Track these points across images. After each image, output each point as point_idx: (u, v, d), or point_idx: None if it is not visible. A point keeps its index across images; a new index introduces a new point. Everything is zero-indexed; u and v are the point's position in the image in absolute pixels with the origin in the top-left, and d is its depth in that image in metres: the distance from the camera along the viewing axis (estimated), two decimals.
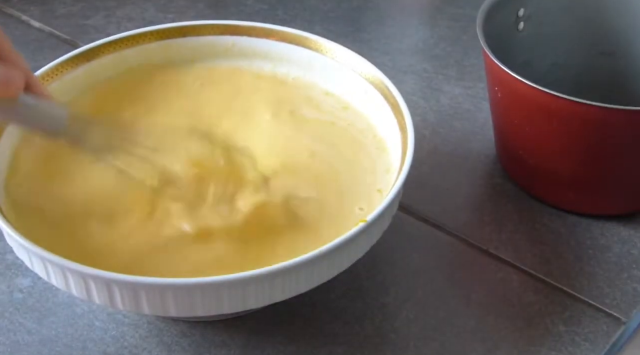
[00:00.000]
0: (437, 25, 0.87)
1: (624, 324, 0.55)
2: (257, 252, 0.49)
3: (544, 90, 0.55)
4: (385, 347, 0.53)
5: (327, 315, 0.54)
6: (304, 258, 0.45)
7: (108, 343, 0.53)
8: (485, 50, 0.59)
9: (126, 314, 0.54)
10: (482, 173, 0.67)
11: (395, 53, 0.81)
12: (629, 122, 0.55)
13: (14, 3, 0.88)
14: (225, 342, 0.53)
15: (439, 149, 0.69)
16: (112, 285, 0.44)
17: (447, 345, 0.53)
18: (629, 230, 0.62)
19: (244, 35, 0.63)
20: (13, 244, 0.48)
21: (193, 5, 0.88)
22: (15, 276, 0.57)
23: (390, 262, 0.58)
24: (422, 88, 0.76)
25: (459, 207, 0.64)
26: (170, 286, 0.44)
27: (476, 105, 0.74)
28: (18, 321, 0.54)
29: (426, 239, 0.61)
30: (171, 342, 0.53)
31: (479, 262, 0.59)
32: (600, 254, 0.60)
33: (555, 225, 0.62)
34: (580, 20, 0.68)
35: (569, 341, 0.53)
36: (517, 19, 0.67)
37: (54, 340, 0.53)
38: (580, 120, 0.56)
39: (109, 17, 0.86)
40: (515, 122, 0.61)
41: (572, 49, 0.70)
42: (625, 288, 0.57)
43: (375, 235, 0.50)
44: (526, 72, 0.58)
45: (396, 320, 0.54)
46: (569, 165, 0.60)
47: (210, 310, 0.45)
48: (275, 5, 0.89)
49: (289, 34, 0.63)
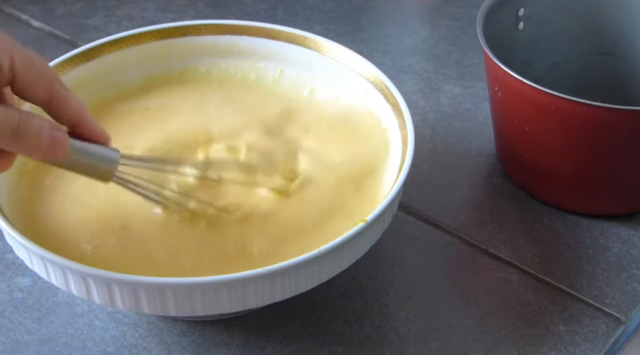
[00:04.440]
0: (437, 25, 0.87)
1: (623, 323, 0.55)
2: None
3: (544, 90, 0.55)
4: (385, 347, 0.53)
5: (327, 315, 0.54)
6: (304, 258, 0.45)
7: (108, 342, 0.53)
8: (485, 50, 0.59)
9: (126, 313, 0.54)
10: (482, 173, 0.67)
11: (395, 53, 0.81)
12: (629, 122, 0.55)
13: (14, 2, 0.88)
14: (225, 341, 0.53)
15: (438, 149, 0.69)
16: (112, 284, 0.44)
17: (447, 345, 0.53)
18: (629, 230, 0.62)
19: (244, 35, 0.63)
20: (13, 243, 0.48)
21: (193, 4, 0.88)
22: (15, 275, 0.57)
23: (390, 262, 0.58)
24: (422, 88, 0.76)
25: (459, 207, 0.64)
26: (170, 285, 0.44)
27: (476, 105, 0.74)
28: (18, 320, 0.54)
29: (426, 239, 0.61)
30: (171, 341, 0.53)
31: (479, 262, 0.59)
32: (600, 253, 0.60)
33: (555, 225, 0.62)
34: (580, 20, 0.68)
35: (568, 341, 0.53)
36: (517, 18, 0.67)
37: (54, 340, 0.53)
38: (580, 120, 0.56)
39: (109, 17, 0.86)
40: (515, 122, 0.61)
41: (572, 49, 0.70)
42: (625, 288, 0.57)
43: (375, 235, 0.50)
44: (526, 72, 0.58)
45: (396, 320, 0.54)
46: (569, 165, 0.60)
47: (210, 309, 0.45)
48: (275, 5, 0.89)
49: (289, 34, 0.63)
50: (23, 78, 0.42)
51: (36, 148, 0.42)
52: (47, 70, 0.44)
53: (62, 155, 0.44)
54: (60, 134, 0.43)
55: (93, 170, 0.46)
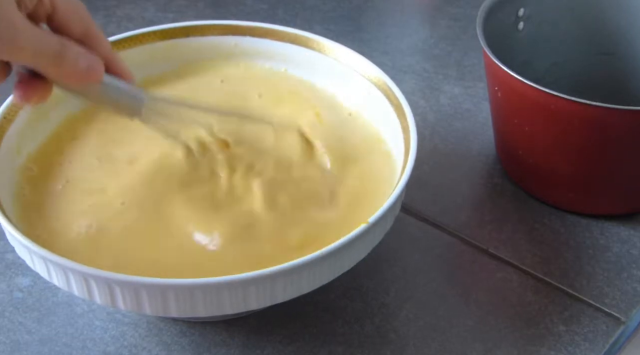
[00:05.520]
0: (437, 25, 0.87)
1: (623, 323, 0.55)
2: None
3: (544, 90, 0.55)
4: (385, 347, 0.53)
5: (327, 315, 0.54)
6: (306, 259, 0.45)
7: (108, 342, 0.53)
8: (485, 50, 0.59)
9: (126, 313, 0.54)
10: (482, 173, 0.67)
11: (395, 53, 0.81)
12: (629, 122, 0.55)
13: None
14: (225, 341, 0.53)
15: (439, 149, 0.69)
16: (113, 285, 0.44)
17: (447, 345, 0.53)
18: (629, 230, 0.62)
19: (247, 36, 0.63)
20: (15, 243, 0.48)
21: (193, 4, 0.88)
22: (15, 275, 0.57)
23: (391, 262, 0.58)
24: (422, 88, 0.76)
25: (459, 207, 0.64)
26: (172, 286, 0.44)
27: (476, 105, 0.74)
28: (18, 320, 0.54)
29: (426, 239, 0.61)
30: (171, 341, 0.53)
31: (479, 262, 0.59)
32: (600, 253, 0.60)
33: (555, 225, 0.62)
34: (580, 20, 0.68)
35: (568, 341, 0.53)
36: (517, 19, 0.67)
37: (54, 340, 0.53)
38: (580, 120, 0.56)
39: (109, 17, 0.86)
40: (515, 122, 0.61)
41: (572, 49, 0.70)
42: (625, 288, 0.57)
43: (377, 236, 0.50)
44: (526, 72, 0.58)
45: (396, 320, 0.54)
46: (569, 165, 0.60)
47: (212, 310, 0.45)
48: (275, 5, 0.89)
49: (292, 35, 0.63)
50: (62, 11, 0.43)
51: (74, 73, 0.43)
52: (83, 9, 0.45)
53: (98, 81, 0.45)
54: (98, 61, 0.44)
55: (122, 105, 0.48)
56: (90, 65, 0.44)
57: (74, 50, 0.43)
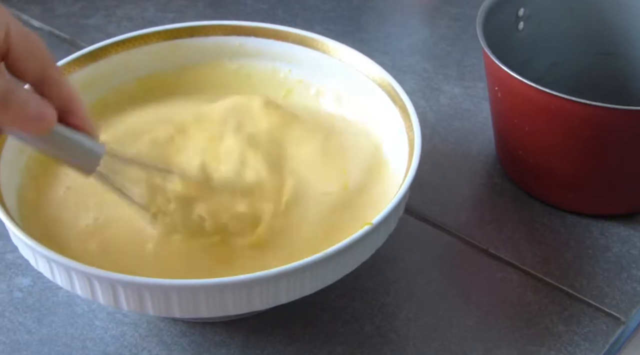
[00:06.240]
0: (437, 25, 0.87)
1: (623, 323, 0.55)
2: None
3: (544, 90, 0.55)
4: (385, 347, 0.53)
5: (327, 315, 0.54)
6: (310, 260, 0.45)
7: (108, 342, 0.53)
8: (485, 50, 0.59)
9: (126, 313, 0.54)
10: (482, 173, 0.67)
11: (395, 53, 0.81)
12: (629, 122, 0.55)
13: (14, 2, 0.88)
14: (225, 341, 0.53)
15: (438, 149, 0.69)
16: (116, 286, 0.44)
17: (447, 345, 0.53)
18: (629, 230, 0.62)
19: (250, 36, 0.63)
20: (18, 243, 0.48)
21: (193, 4, 0.88)
22: (15, 276, 0.57)
23: (391, 262, 0.58)
24: (422, 88, 0.76)
25: (459, 207, 0.64)
26: (175, 287, 0.44)
27: (476, 105, 0.74)
28: (18, 320, 0.54)
29: (426, 239, 0.61)
30: (171, 341, 0.53)
31: (479, 262, 0.59)
32: (600, 253, 0.60)
33: (555, 225, 0.62)
34: (580, 20, 0.68)
35: (568, 341, 0.53)
36: (517, 18, 0.67)
37: (54, 340, 0.53)
38: (580, 120, 0.56)
39: (109, 17, 0.86)
40: (515, 122, 0.61)
41: (572, 49, 0.70)
42: (625, 288, 0.57)
43: (380, 238, 0.50)
44: (526, 72, 0.58)
45: (396, 320, 0.54)
46: (569, 165, 0.60)
47: (215, 311, 0.45)
48: (275, 5, 0.89)
49: (295, 35, 0.63)
50: (17, 52, 0.40)
51: (21, 119, 0.39)
52: (43, 50, 0.42)
53: (46, 131, 0.41)
54: (48, 110, 0.41)
55: (75, 160, 0.44)
56: (39, 112, 0.40)
57: (21, 94, 0.39)
